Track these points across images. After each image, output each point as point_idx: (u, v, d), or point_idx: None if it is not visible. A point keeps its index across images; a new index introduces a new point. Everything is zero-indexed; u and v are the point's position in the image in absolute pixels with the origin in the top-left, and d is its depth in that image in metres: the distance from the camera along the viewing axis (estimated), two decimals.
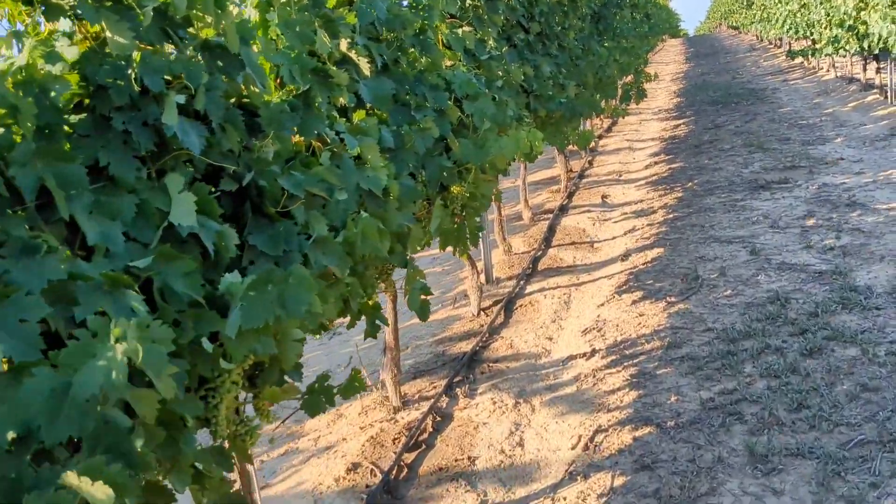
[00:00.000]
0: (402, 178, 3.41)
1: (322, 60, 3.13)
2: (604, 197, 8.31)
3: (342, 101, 3.10)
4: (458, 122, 4.05)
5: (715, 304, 4.75)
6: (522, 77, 5.83)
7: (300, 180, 2.52)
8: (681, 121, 12.77)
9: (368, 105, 3.27)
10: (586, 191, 8.79)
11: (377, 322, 3.28)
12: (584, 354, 4.42)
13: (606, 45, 10.12)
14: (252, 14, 2.99)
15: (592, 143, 11.78)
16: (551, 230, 7.14)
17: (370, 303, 3.29)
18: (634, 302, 5.06)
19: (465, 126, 4.14)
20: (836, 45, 10.43)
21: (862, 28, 9.69)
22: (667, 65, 25.68)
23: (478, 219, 4.95)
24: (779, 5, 18.45)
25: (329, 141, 2.90)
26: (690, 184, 8.13)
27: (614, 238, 6.75)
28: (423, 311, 3.37)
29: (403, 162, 3.43)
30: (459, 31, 4.54)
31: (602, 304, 5.15)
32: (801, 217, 6.21)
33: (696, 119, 12.58)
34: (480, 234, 4.50)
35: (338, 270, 2.59)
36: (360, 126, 3.01)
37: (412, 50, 3.87)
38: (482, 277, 5.86)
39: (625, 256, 6.08)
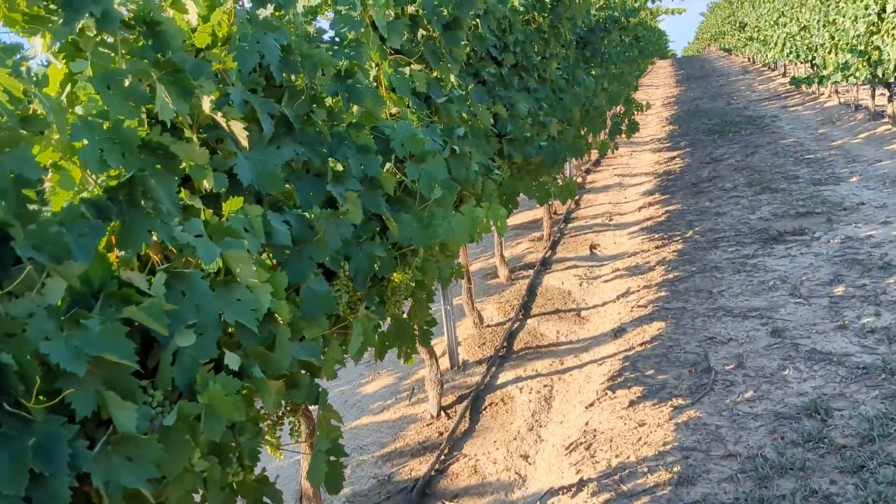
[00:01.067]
0: (309, 282, 2.41)
1: (180, 127, 2.13)
2: (592, 247, 7.33)
3: (206, 185, 2.11)
4: (400, 189, 3.09)
5: (734, 412, 3.74)
6: (492, 120, 4.88)
7: (92, 338, 1.51)
8: (675, 153, 11.84)
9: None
10: (573, 238, 7.80)
11: (265, 501, 2.26)
12: (569, 488, 3.40)
13: (594, 73, 9.21)
14: (53, 63, 2.00)
15: (580, 179, 10.83)
16: (531, 292, 6.14)
17: (252, 475, 2.27)
18: (632, 403, 4.05)
19: (409, 193, 3.15)
20: (846, 71, 9.54)
21: (874, 54, 8.80)
22: (657, 88, 24.88)
23: (437, 289, 3.99)
24: (775, 28, 17.62)
25: (177, 251, 1.91)
26: (691, 232, 7.16)
27: (605, 304, 5.76)
28: (331, 483, 2.35)
29: (310, 260, 2.43)
30: (406, 69, 3.57)
31: (591, 405, 4.14)
32: (826, 282, 5.23)
33: (691, 151, 11.65)
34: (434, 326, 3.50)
35: (148, 491, 1.58)
36: (224, 224, 1.99)
37: (335, 99, 2.90)
38: (446, 361, 4.85)
39: (618, 332, 5.08)
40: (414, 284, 3.24)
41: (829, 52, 10.97)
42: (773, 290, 5.27)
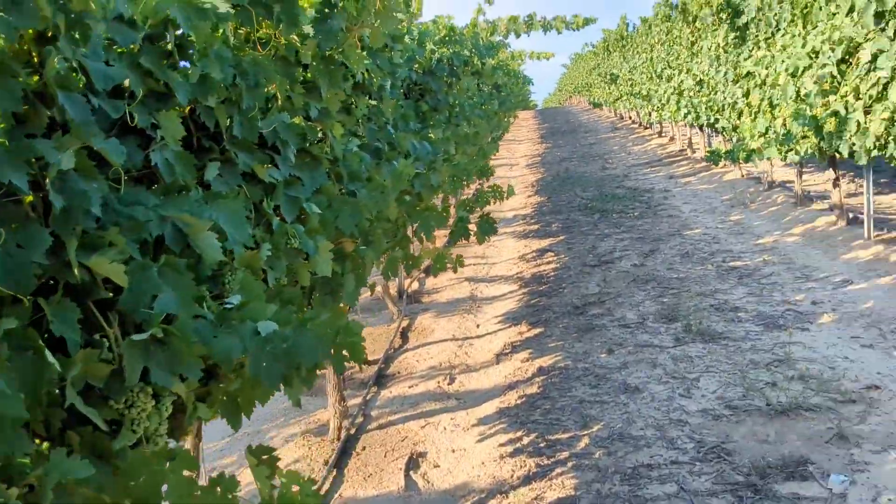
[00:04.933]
0: None
1: None
2: (411, 466, 3.96)
3: None
4: None
5: None
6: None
7: None
8: (546, 241, 8.79)
9: None
10: (382, 435, 4.40)
11: None
12: None
13: (432, 135, 5.98)
14: None
15: (415, 286, 7.54)
16: None
17: None
18: None
19: None
20: (787, 145, 6.78)
21: (829, 123, 6.04)
22: (520, 143, 22.26)
23: None
24: (651, 82, 15.21)
25: None
26: (585, 439, 3.93)
27: None
28: None
29: None
30: None
31: None
32: None
33: (567, 240, 8.63)
34: None
35: None
36: None
37: None
38: None
39: None
40: None
41: (748, 117, 8.27)
42: None
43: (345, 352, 2.45)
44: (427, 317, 6.58)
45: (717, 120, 9.97)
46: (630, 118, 23.35)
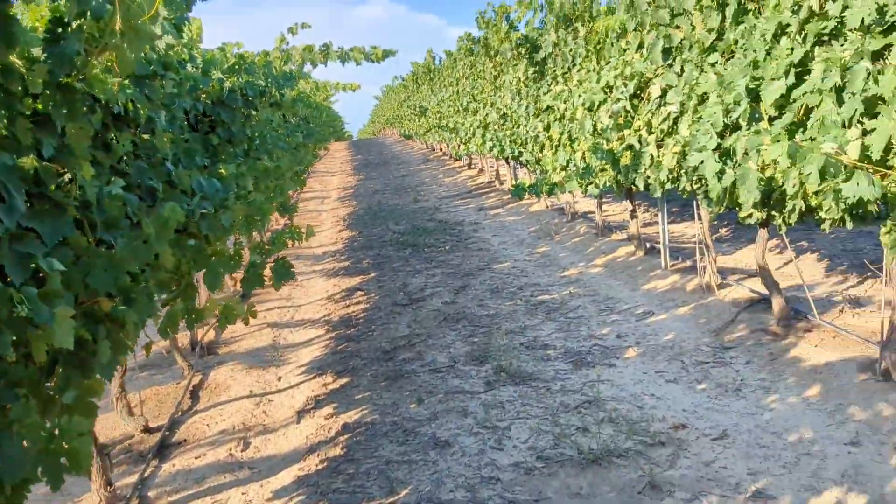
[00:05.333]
0: None
1: None
2: None
3: None
4: None
5: None
6: None
7: None
8: (357, 279, 8.42)
9: None
10: None
11: None
12: None
13: (223, 171, 5.46)
14: None
15: (210, 335, 6.89)
16: None
17: None
18: None
19: None
20: (586, 178, 6.85)
21: (625, 157, 6.14)
22: (333, 175, 21.85)
23: None
24: (458, 115, 15.36)
25: None
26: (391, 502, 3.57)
27: None
28: None
29: None
30: None
31: None
32: None
33: (378, 277, 8.31)
34: None
35: None
36: None
37: None
38: None
39: None
40: None
41: (547, 149, 8.37)
42: None
43: (64, 460, 1.94)
44: (223, 370, 5.98)
45: (521, 153, 10.10)
46: (441, 150, 23.63)
